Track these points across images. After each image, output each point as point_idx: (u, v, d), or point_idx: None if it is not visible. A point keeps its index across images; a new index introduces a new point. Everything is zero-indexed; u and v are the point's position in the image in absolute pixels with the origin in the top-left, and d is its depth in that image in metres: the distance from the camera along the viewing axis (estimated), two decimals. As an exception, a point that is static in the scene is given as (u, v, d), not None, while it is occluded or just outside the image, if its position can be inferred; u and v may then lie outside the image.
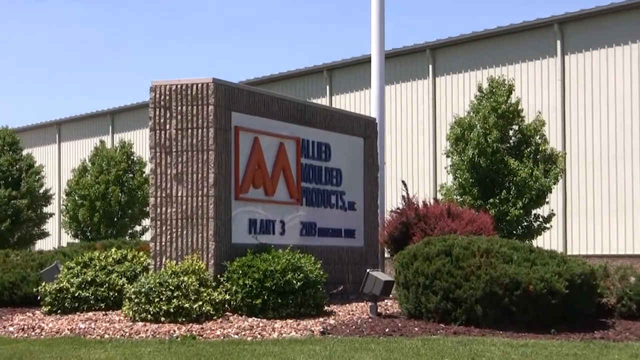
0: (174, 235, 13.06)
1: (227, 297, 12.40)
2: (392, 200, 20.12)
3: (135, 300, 12.11)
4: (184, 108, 13.16)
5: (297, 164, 14.73)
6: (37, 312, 13.62)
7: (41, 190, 30.97)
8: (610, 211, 27.35)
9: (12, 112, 77.06)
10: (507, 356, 9.46)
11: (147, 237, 17.61)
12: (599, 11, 28.04)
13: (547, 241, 26.15)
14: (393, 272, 13.10)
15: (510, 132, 21.12)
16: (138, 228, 30.65)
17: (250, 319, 12.13)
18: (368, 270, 12.84)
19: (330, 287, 13.95)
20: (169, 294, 12.00)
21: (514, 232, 20.39)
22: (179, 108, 13.17)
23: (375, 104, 16.77)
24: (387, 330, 11.39)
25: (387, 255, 16.28)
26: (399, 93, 32.54)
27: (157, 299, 11.98)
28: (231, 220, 13.32)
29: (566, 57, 28.66)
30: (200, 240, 12.95)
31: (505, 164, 20.43)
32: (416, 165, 32.05)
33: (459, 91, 30.78)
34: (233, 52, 78.98)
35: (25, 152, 32.24)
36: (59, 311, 13.15)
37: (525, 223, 20.79)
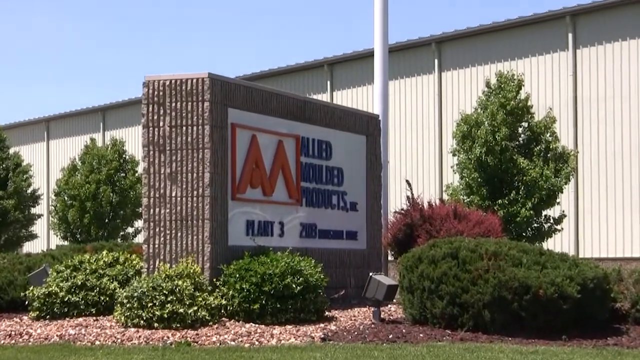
0: (168, 237, 13.00)
1: (224, 301, 12.31)
2: (396, 201, 20.41)
3: (128, 305, 12.02)
4: (178, 104, 13.10)
5: (296, 162, 14.65)
6: (25, 317, 13.54)
7: (29, 190, 30.80)
8: (624, 212, 27.17)
9: (-1, 109, 76.70)
10: (516, 364, 9.51)
11: (140, 239, 17.69)
12: (612, 3, 27.82)
13: (558, 243, 26.02)
14: (397, 275, 13.09)
15: (519, 130, 21.07)
16: (130, 230, 30.46)
17: (247, 325, 12.03)
18: (371, 274, 12.80)
19: (331, 291, 13.85)
20: (163, 298, 11.90)
21: (524, 234, 20.37)
22: (173, 104, 13.11)
23: (379, 100, 16.79)
24: (390, 336, 11.34)
25: (390, 258, 16.17)
26: (403, 89, 32.39)
27: (150, 304, 11.88)
28: (228, 221, 13.25)
29: (578, 51, 28.44)
30: (195, 243, 12.88)
31: (515, 163, 20.37)
32: (421, 164, 31.94)
33: (466, 87, 30.61)
34: (229, 46, 78.98)
35: (12, 150, 32.00)
36: (48, 316, 13.08)
37: (535, 225, 20.74)
